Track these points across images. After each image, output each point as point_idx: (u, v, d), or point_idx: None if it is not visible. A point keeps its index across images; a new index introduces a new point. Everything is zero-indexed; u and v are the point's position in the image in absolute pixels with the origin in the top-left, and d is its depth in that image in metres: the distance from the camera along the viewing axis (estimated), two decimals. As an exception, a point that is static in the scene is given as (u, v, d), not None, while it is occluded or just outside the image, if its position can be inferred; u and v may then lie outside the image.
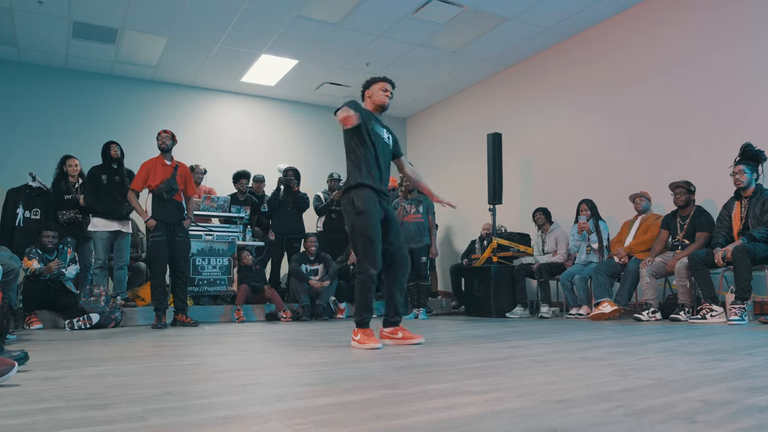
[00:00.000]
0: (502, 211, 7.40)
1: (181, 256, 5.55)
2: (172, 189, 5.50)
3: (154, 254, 5.47)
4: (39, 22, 6.65)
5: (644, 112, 6.40)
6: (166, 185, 5.48)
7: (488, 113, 8.59)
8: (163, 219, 5.44)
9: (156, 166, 5.56)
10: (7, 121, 7.53)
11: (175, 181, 5.55)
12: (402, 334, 3.49)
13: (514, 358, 2.66)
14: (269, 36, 7.23)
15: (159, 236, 5.38)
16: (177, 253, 5.49)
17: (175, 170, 5.61)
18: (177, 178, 5.58)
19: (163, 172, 5.54)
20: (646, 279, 5.25)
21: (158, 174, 5.52)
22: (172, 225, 5.48)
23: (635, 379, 1.95)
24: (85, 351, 3.35)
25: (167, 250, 5.43)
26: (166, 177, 5.52)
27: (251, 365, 2.69)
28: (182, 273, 5.57)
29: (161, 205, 5.45)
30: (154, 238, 5.40)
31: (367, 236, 3.32)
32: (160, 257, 5.43)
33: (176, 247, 5.48)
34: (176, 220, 5.52)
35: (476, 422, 1.35)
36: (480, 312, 6.76)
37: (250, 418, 1.49)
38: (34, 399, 1.79)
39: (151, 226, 5.41)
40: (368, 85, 3.69)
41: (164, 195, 5.45)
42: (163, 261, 5.46)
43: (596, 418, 1.36)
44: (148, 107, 8.52)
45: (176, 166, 5.66)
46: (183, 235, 5.57)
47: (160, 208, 5.45)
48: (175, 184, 5.53)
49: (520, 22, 6.87)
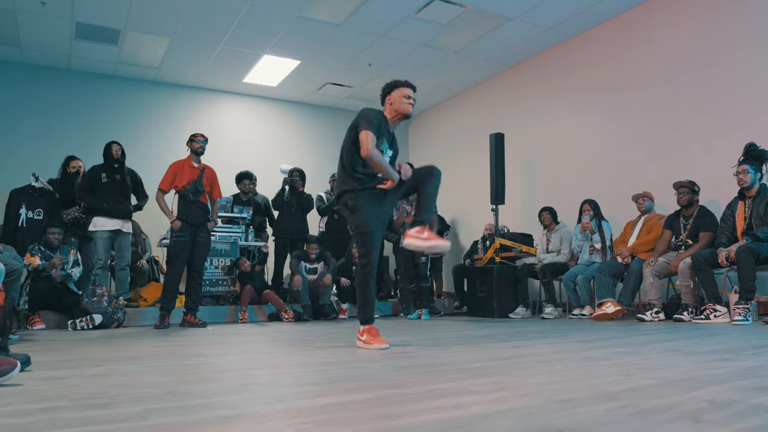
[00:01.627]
0: (505, 212, 7.39)
1: (200, 257, 5.59)
2: (198, 191, 5.54)
3: (174, 254, 5.47)
4: (42, 22, 6.65)
5: (647, 111, 6.39)
6: (192, 187, 5.52)
7: (491, 113, 8.58)
8: (188, 220, 5.47)
9: (184, 168, 5.60)
10: (10, 122, 7.54)
11: (202, 183, 5.60)
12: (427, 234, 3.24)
13: (518, 357, 2.65)
14: (271, 37, 7.23)
15: (182, 236, 5.41)
16: (196, 253, 5.53)
17: (202, 172, 5.66)
18: (203, 180, 5.62)
19: (190, 173, 5.59)
20: (649, 279, 5.23)
21: (185, 175, 5.56)
22: (196, 226, 5.52)
23: (640, 378, 1.94)
24: (88, 351, 3.35)
25: (189, 251, 5.47)
26: (193, 178, 5.57)
27: (253, 365, 2.68)
28: (197, 273, 5.60)
29: (187, 206, 5.49)
30: (178, 239, 5.42)
31: (364, 232, 3.27)
32: (181, 258, 5.45)
33: (197, 247, 5.53)
34: (200, 221, 5.56)
35: (481, 422, 1.34)
36: (482, 312, 6.75)
37: (252, 417, 1.48)
38: (36, 398, 1.78)
39: (177, 228, 5.41)
40: (389, 90, 3.45)
41: (190, 196, 5.48)
42: (183, 262, 5.48)
43: (601, 418, 1.35)
44: (150, 108, 8.53)
45: (203, 168, 5.70)
46: (205, 236, 5.62)
47: (185, 209, 5.49)
48: (201, 186, 5.58)
49: (522, 22, 6.86)
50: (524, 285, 6.60)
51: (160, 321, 5.37)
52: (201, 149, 5.69)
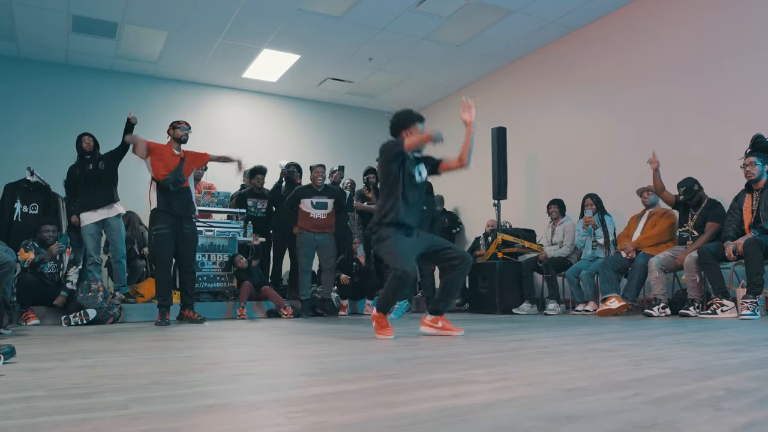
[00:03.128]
0: (507, 207, 7.29)
1: (189, 250, 5.30)
2: (178, 181, 5.20)
3: (156, 248, 5.22)
4: (38, 15, 6.57)
5: (651, 105, 6.29)
6: (172, 177, 5.16)
7: (493, 109, 8.47)
8: (169, 211, 5.14)
9: (164, 153, 5.23)
10: (7, 117, 7.45)
11: (182, 173, 5.25)
12: (442, 324, 3.54)
13: (521, 349, 2.56)
14: (270, 30, 7.14)
15: (162, 229, 5.11)
16: (184, 246, 5.24)
17: (182, 161, 5.29)
18: (183, 168, 5.29)
19: (169, 161, 5.21)
20: (654, 273, 5.13)
21: (164, 162, 5.18)
22: (179, 218, 5.20)
23: (650, 368, 1.85)
24: (79, 345, 3.26)
25: (171, 243, 5.17)
26: (171, 168, 5.20)
27: (247, 357, 2.60)
28: (189, 267, 5.34)
29: (167, 197, 5.16)
30: (157, 231, 5.13)
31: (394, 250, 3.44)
32: (164, 251, 5.17)
33: (183, 240, 5.22)
34: (183, 212, 5.23)
35: (483, 410, 1.25)
36: (484, 309, 6.65)
37: (239, 406, 1.39)
38: (14, 388, 1.70)
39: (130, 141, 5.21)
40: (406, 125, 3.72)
41: (170, 187, 5.15)
42: (168, 255, 5.21)
43: (612, 406, 1.26)
44: (149, 104, 8.42)
45: (184, 156, 5.34)
46: (190, 227, 5.30)
47: (165, 200, 5.15)
48: (181, 176, 5.24)
49: (524, 15, 6.76)
50: (530, 280, 6.48)
51: (160, 318, 5.10)
52: (185, 137, 5.33)
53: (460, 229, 8.71)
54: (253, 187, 7.28)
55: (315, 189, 6.33)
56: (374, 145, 10.48)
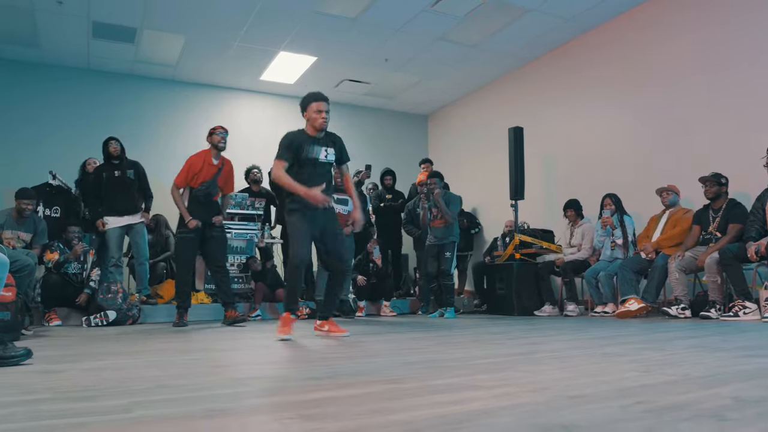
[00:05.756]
0: (525, 207, 7.22)
1: (219, 252, 5.33)
2: (209, 194, 5.24)
3: (180, 250, 5.29)
4: (59, 22, 6.68)
5: (670, 104, 6.18)
6: (204, 189, 5.21)
7: (510, 109, 8.41)
8: (196, 217, 5.16)
9: (202, 165, 5.24)
10: (29, 121, 7.58)
11: (216, 185, 5.29)
12: (328, 327, 3.82)
13: (531, 354, 2.53)
14: (287, 33, 7.17)
15: (187, 233, 5.15)
16: (213, 249, 5.27)
17: (219, 170, 5.30)
18: (219, 179, 5.31)
19: (206, 172, 5.24)
20: (675, 275, 5.04)
21: (201, 175, 5.23)
22: (206, 224, 5.22)
23: (659, 375, 1.81)
24: (94, 346, 3.31)
25: (195, 247, 5.23)
26: (207, 179, 5.24)
27: (256, 360, 2.61)
28: (221, 268, 5.34)
29: (196, 204, 5.21)
30: (182, 235, 5.17)
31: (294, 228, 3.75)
32: (187, 255, 5.23)
33: (212, 244, 5.26)
34: (209, 220, 5.25)
35: (479, 417, 1.23)
36: (502, 310, 6.60)
37: (238, 411, 1.39)
38: (22, 391, 1.72)
39: (193, 226, 5.11)
40: (304, 106, 3.87)
41: (201, 199, 5.20)
42: (190, 258, 5.29)
43: (613, 415, 1.23)
44: (168, 106, 8.53)
45: (222, 165, 5.34)
46: (219, 231, 5.33)
47: (193, 207, 5.21)
48: (214, 189, 5.28)
49: (541, 14, 6.69)
50: (548, 282, 6.42)
51: (178, 319, 5.15)
52: (222, 143, 5.31)
53: (479, 230, 8.66)
54: (252, 186, 7.29)
55: (337, 187, 6.36)
56: (392, 146, 10.50)
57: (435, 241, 6.48)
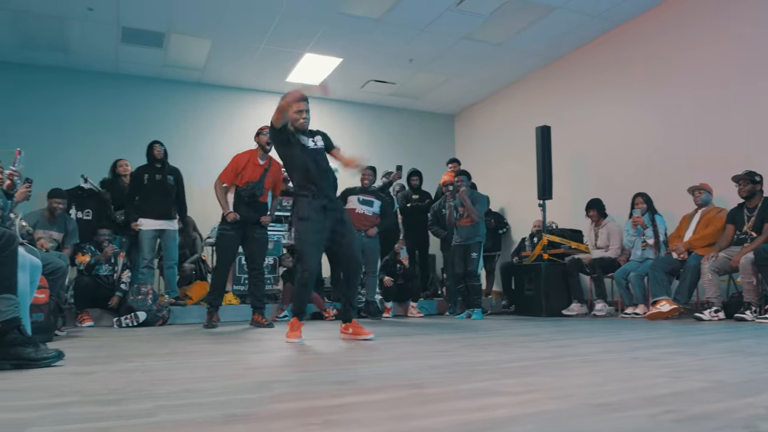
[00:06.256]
0: (553, 207, 7.13)
1: (257, 253, 5.29)
2: (254, 195, 5.16)
3: (220, 247, 5.26)
4: (90, 28, 6.82)
5: (703, 100, 6.03)
6: (250, 189, 5.13)
7: (536, 107, 8.32)
8: (240, 217, 5.11)
9: (248, 164, 5.19)
10: (59, 125, 7.74)
11: (262, 186, 5.20)
12: (352, 330, 3.71)
13: (559, 357, 2.49)
14: (312, 35, 7.21)
15: (228, 230, 5.11)
16: (252, 250, 5.24)
17: (265, 171, 5.23)
18: (266, 180, 5.25)
19: (252, 172, 5.18)
20: (708, 276, 4.92)
21: (247, 174, 5.17)
22: (246, 223, 5.15)
23: (691, 381, 1.76)
24: (125, 348, 3.36)
25: (235, 246, 5.21)
26: (254, 179, 5.19)
27: (281, 363, 2.62)
28: (257, 271, 5.29)
29: (241, 203, 5.18)
30: (223, 232, 5.15)
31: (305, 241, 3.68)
32: (227, 252, 5.20)
33: (253, 244, 5.22)
34: (252, 220, 5.19)
35: (503, 425, 1.21)
36: (531, 311, 6.52)
37: (261, 416, 1.40)
38: (52, 393, 1.76)
39: (231, 219, 5.07)
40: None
41: (245, 199, 5.16)
42: (229, 257, 5.27)
43: (640, 425, 1.20)
44: (195, 109, 8.65)
45: (268, 166, 5.26)
46: (261, 232, 5.28)
47: (239, 207, 5.16)
48: (260, 190, 5.19)
49: (566, 11, 6.60)
50: (576, 280, 6.32)
51: (207, 320, 5.11)
52: (269, 145, 5.16)
53: (507, 230, 8.59)
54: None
55: (363, 188, 6.40)
56: (419, 146, 10.45)
57: (461, 241, 6.43)
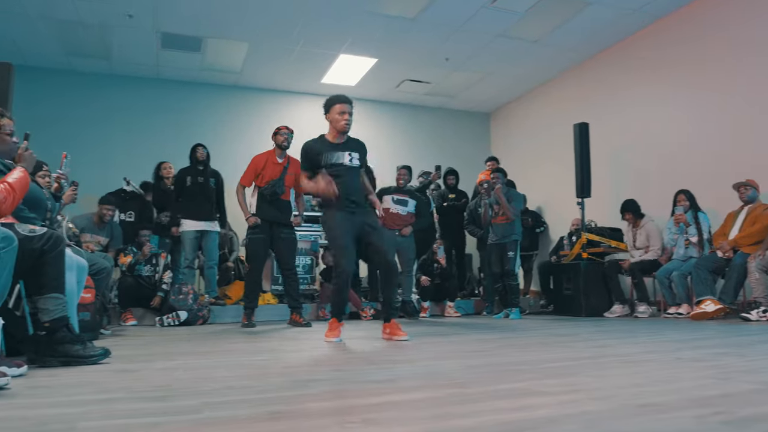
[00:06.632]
0: (592, 205, 7.00)
1: (287, 254, 5.34)
2: (275, 193, 5.25)
3: (251, 251, 5.33)
4: (130, 35, 7.00)
5: (747, 94, 5.83)
6: (270, 188, 5.21)
7: (574, 104, 8.19)
8: (265, 217, 5.23)
9: (266, 163, 5.28)
10: (102, 129, 7.95)
11: (282, 183, 5.28)
12: (390, 330, 3.65)
13: (600, 357, 2.45)
14: (346, 36, 7.24)
15: (257, 234, 5.21)
16: (282, 251, 5.31)
17: (285, 169, 5.30)
18: (286, 177, 5.31)
19: (272, 171, 5.27)
20: (755, 275, 4.77)
21: (267, 173, 5.27)
22: (274, 224, 5.24)
23: (739, 382, 1.72)
24: (167, 346, 3.45)
25: (266, 249, 5.30)
26: (274, 177, 5.28)
27: (320, 362, 2.64)
28: (290, 271, 5.34)
29: (265, 203, 5.26)
30: (253, 236, 5.23)
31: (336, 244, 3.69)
32: (257, 255, 5.28)
33: (281, 245, 5.28)
34: (279, 220, 5.27)
35: (544, 426, 1.20)
36: (570, 311, 6.42)
37: (302, 414, 1.42)
38: (99, 389, 1.81)
39: (251, 224, 5.20)
40: (326, 109, 3.88)
41: (267, 197, 5.24)
42: (260, 260, 5.33)
43: (686, 426, 1.18)
44: (232, 112, 8.78)
45: (288, 164, 5.32)
46: (288, 232, 5.35)
47: (261, 207, 5.26)
48: (281, 187, 5.27)
49: (603, 6, 6.47)
50: (616, 281, 6.20)
51: (246, 320, 5.21)
52: (285, 142, 5.34)
53: (544, 229, 8.48)
54: None
55: (398, 187, 6.41)
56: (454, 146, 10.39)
57: (497, 240, 6.38)
